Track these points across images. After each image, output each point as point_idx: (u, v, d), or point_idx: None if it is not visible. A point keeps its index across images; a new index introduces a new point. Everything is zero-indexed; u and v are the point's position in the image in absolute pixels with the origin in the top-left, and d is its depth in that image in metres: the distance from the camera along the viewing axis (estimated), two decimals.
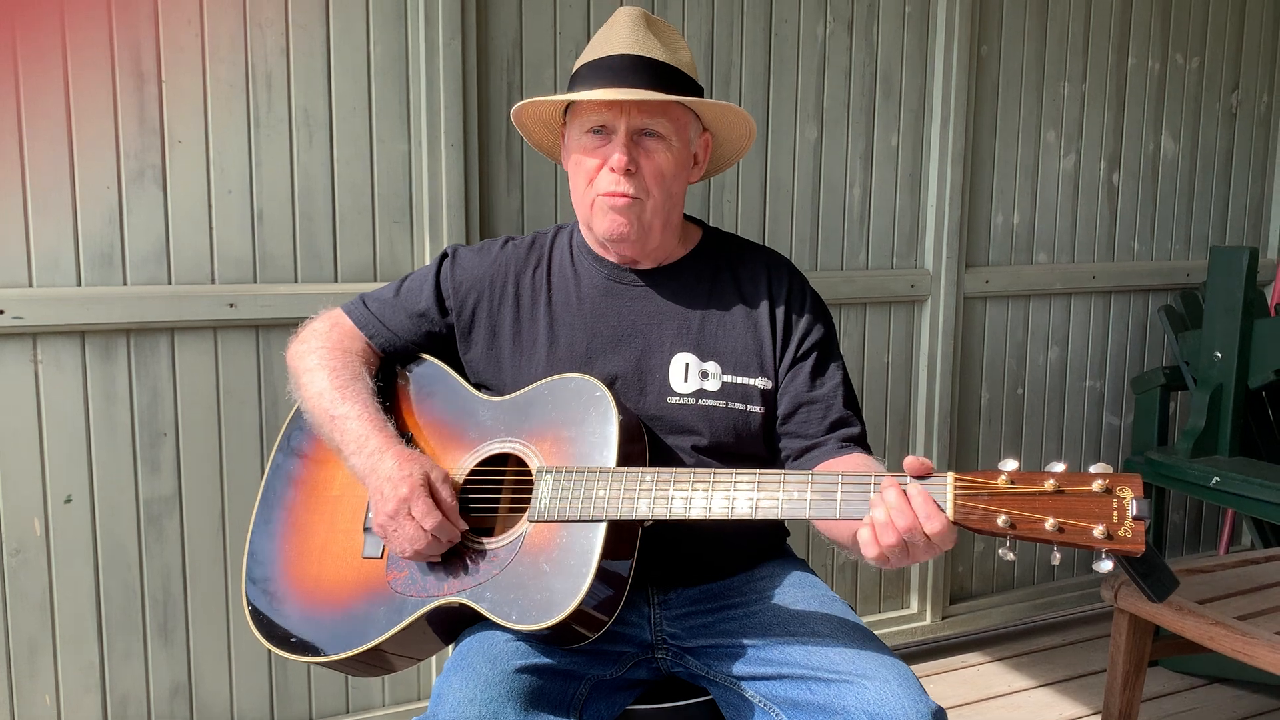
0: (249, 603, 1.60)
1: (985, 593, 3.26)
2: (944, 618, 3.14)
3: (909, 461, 1.30)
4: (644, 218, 1.58)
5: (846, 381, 1.68)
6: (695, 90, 1.61)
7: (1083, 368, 3.31)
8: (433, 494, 1.47)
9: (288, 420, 1.74)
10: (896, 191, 2.92)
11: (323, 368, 1.63)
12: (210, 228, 2.18)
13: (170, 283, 2.16)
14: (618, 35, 1.58)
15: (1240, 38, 3.42)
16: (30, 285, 2.06)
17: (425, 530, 1.46)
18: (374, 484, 1.50)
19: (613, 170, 1.55)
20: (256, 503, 1.68)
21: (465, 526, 1.51)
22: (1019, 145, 3.08)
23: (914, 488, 1.28)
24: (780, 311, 1.66)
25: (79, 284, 2.09)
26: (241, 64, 2.16)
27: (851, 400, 1.67)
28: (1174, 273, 3.39)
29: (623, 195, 1.55)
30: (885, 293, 2.92)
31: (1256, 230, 3.57)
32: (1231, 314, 2.93)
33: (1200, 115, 3.39)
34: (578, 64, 1.62)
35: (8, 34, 1.99)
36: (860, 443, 1.63)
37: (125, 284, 2.12)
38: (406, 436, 1.60)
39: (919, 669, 2.97)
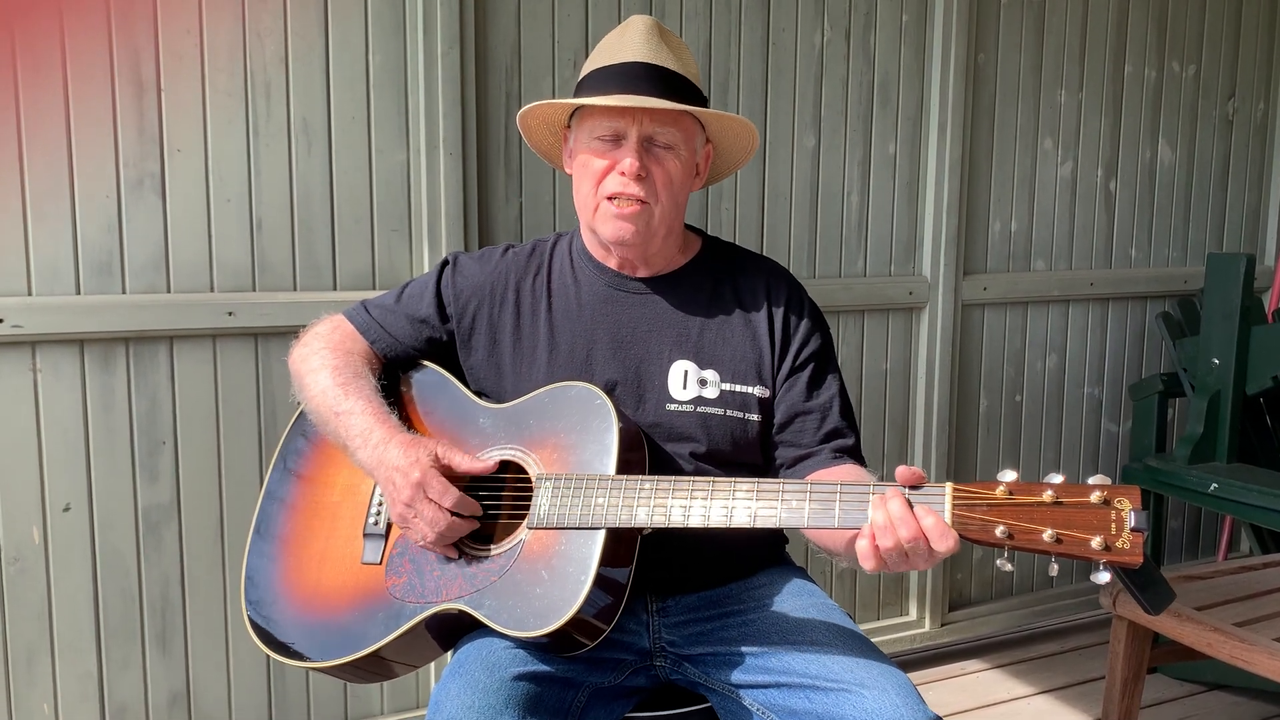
0: (247, 609, 1.59)
1: (984, 600, 3.26)
2: (943, 625, 3.14)
3: (901, 471, 1.30)
4: (651, 223, 1.59)
5: (843, 392, 1.68)
6: (702, 101, 1.62)
7: (1081, 375, 3.32)
8: (446, 470, 1.48)
9: (288, 427, 1.74)
10: (894, 199, 2.92)
11: (325, 367, 1.63)
12: (209, 236, 2.18)
13: (169, 291, 2.17)
14: (631, 42, 1.59)
15: (1236, 45, 3.43)
16: (29, 294, 2.06)
17: (445, 509, 1.46)
18: (383, 475, 1.50)
19: (624, 174, 1.55)
20: (255, 510, 1.68)
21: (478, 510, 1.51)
22: (1016, 153, 3.09)
23: (918, 503, 1.28)
24: (779, 320, 1.67)
25: (78, 293, 2.09)
26: (241, 73, 2.17)
27: (848, 411, 1.67)
28: (1171, 280, 3.40)
29: (631, 197, 1.56)
30: (883, 300, 2.93)
31: (1253, 237, 3.58)
32: (1229, 320, 2.93)
33: (1197, 123, 3.40)
34: (589, 67, 1.62)
35: (7, 42, 1.99)
36: (853, 454, 1.64)
37: (124, 292, 2.13)
38: (416, 434, 1.60)
39: (918, 676, 2.97)
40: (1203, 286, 3.16)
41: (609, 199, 1.57)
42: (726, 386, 1.63)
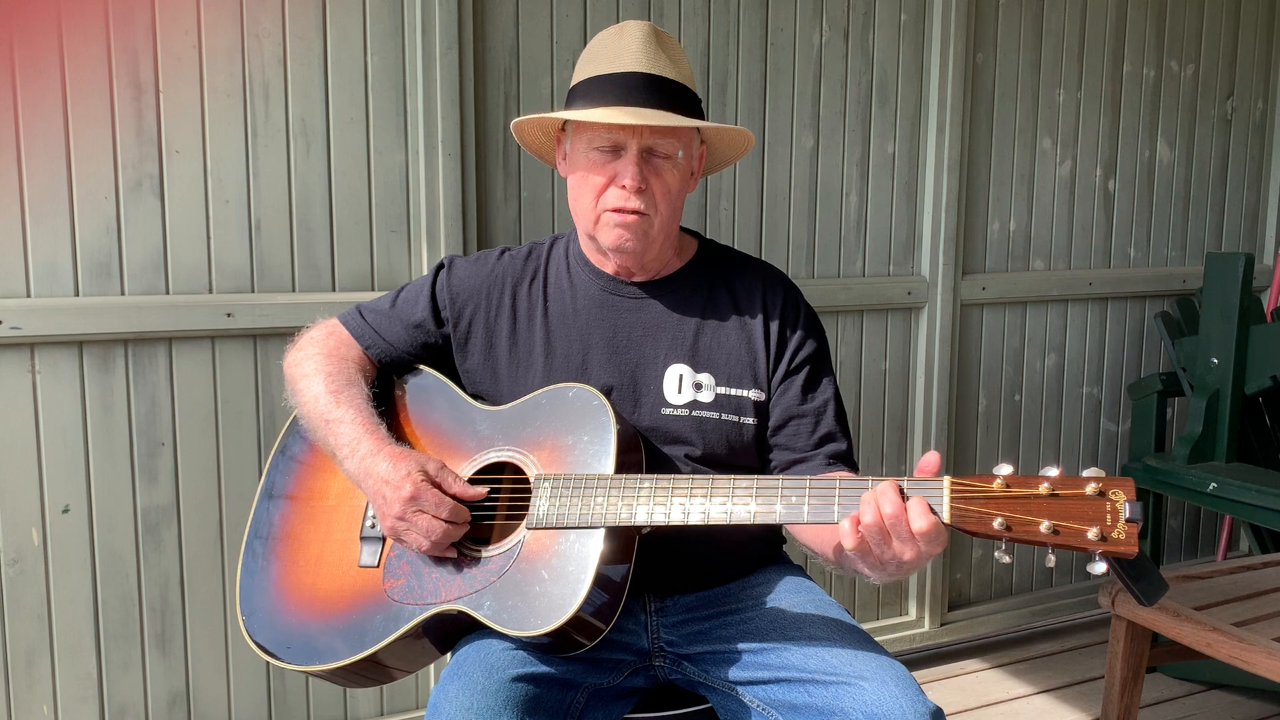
0: (243, 613, 1.59)
1: (983, 599, 3.26)
2: (942, 624, 3.14)
3: (927, 456, 1.33)
4: (650, 232, 1.59)
5: (838, 397, 1.68)
6: (696, 101, 1.62)
7: (1080, 374, 3.32)
8: (437, 485, 1.48)
9: (284, 429, 1.74)
10: (893, 199, 2.93)
11: (319, 373, 1.63)
12: (208, 238, 2.19)
13: (168, 292, 2.17)
14: (628, 50, 1.57)
15: (1235, 44, 3.43)
16: (28, 295, 2.06)
17: (441, 519, 1.46)
18: (371, 487, 1.51)
19: (623, 188, 1.55)
20: (251, 512, 1.68)
21: (468, 515, 1.51)
22: (1015, 152, 3.09)
23: (914, 494, 1.29)
24: (775, 324, 1.67)
25: (77, 294, 2.09)
26: (239, 74, 2.17)
27: (841, 416, 1.68)
28: (1170, 279, 3.40)
29: (632, 212, 1.56)
30: (882, 300, 2.93)
31: (1252, 236, 3.58)
32: (1228, 320, 2.93)
33: (1195, 122, 3.40)
34: (585, 74, 1.60)
35: (6, 44, 1.99)
36: (846, 460, 1.64)
37: (123, 294, 2.13)
38: (404, 445, 1.61)
39: (917, 676, 2.97)
40: (1202, 286, 3.16)
41: (609, 211, 1.57)
42: (722, 390, 1.63)
